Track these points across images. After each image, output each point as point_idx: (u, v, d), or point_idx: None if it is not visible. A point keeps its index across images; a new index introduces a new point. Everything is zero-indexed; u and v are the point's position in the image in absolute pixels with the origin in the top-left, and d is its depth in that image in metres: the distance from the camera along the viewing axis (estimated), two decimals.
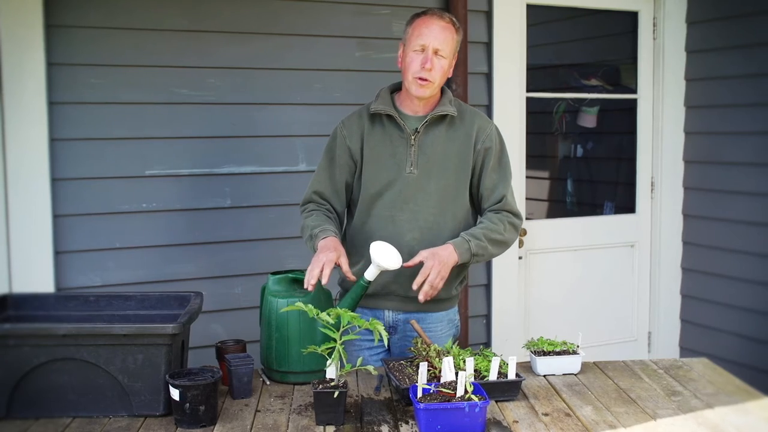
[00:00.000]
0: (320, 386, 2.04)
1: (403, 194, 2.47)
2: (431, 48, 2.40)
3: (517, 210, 2.55)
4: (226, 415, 2.09)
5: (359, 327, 2.06)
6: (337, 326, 2.07)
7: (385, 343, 2.18)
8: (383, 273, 2.37)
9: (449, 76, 2.50)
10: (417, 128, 2.48)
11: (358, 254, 2.51)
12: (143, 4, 3.19)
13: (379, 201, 2.49)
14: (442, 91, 2.54)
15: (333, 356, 2.06)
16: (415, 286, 2.31)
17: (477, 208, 2.59)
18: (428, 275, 2.30)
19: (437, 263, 2.31)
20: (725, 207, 4.10)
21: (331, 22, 3.50)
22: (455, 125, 2.52)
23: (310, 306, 2.10)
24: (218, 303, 3.32)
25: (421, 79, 2.41)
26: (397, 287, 2.51)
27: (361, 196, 2.52)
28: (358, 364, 2.10)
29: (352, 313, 2.09)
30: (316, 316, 2.07)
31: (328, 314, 2.07)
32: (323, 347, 2.08)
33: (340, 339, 2.07)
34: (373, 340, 2.56)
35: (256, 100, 3.41)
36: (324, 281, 2.24)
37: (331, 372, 2.09)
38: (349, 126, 2.55)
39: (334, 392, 2.00)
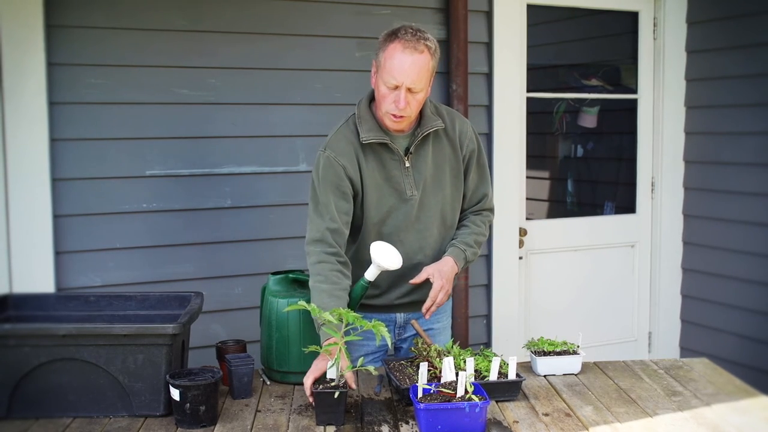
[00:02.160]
0: (320, 386, 2.04)
1: (408, 217, 2.43)
2: (404, 87, 2.24)
3: (493, 205, 2.58)
4: (226, 415, 2.09)
5: (361, 328, 2.06)
6: (338, 327, 2.07)
7: (390, 345, 2.17)
8: (392, 289, 2.39)
9: (428, 95, 2.37)
10: (408, 148, 2.40)
11: (355, 255, 2.47)
12: (144, 4, 3.19)
13: (384, 227, 2.43)
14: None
15: (335, 357, 2.06)
16: (424, 311, 2.33)
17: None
18: (436, 298, 2.32)
19: (445, 282, 2.33)
20: (725, 207, 4.10)
21: (331, 23, 3.50)
22: (440, 135, 2.44)
23: (312, 305, 2.10)
24: (218, 303, 3.32)
25: (394, 115, 2.30)
26: (406, 299, 2.51)
27: (365, 224, 2.42)
28: (359, 365, 2.10)
29: (354, 314, 2.08)
30: (318, 316, 2.07)
31: (331, 314, 2.06)
32: (325, 347, 2.08)
33: (342, 339, 2.06)
34: (375, 345, 2.56)
35: (256, 100, 3.41)
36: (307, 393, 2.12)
37: (331, 372, 2.08)
38: (342, 155, 2.36)
39: (334, 392, 2.00)
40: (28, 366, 2.04)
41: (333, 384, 2.05)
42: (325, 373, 2.11)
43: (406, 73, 2.23)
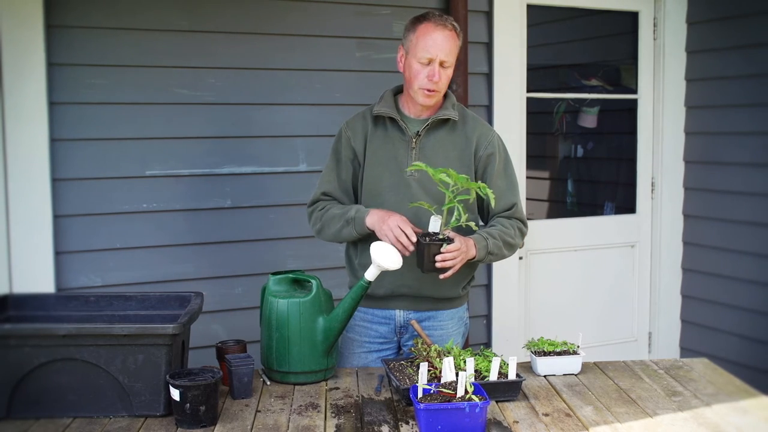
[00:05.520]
0: (427, 238, 2.25)
1: (405, 197, 2.47)
2: (438, 61, 2.40)
3: (525, 218, 2.59)
4: (226, 415, 2.09)
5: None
6: (449, 184, 2.25)
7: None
8: (391, 275, 2.39)
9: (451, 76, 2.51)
10: (418, 131, 2.49)
11: (364, 256, 2.50)
12: (144, 4, 3.19)
13: (382, 203, 2.49)
14: (445, 95, 2.55)
15: (446, 207, 2.26)
16: (439, 258, 2.29)
17: (484, 214, 2.59)
18: (454, 257, 2.29)
19: (464, 252, 2.33)
20: (725, 207, 4.10)
21: (331, 23, 3.50)
22: (457, 130, 2.52)
23: (430, 169, 2.25)
24: (219, 303, 3.32)
25: (428, 90, 2.43)
26: (406, 289, 2.52)
27: (363, 198, 2.53)
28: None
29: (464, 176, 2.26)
30: (433, 175, 2.24)
31: (447, 174, 2.23)
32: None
33: (455, 197, 2.25)
34: (383, 342, 2.58)
35: (256, 100, 3.41)
36: (413, 239, 2.31)
37: (435, 226, 2.29)
38: (353, 127, 2.56)
39: (442, 244, 2.24)
40: (28, 366, 2.04)
41: (441, 237, 2.25)
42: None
43: (440, 47, 2.40)
